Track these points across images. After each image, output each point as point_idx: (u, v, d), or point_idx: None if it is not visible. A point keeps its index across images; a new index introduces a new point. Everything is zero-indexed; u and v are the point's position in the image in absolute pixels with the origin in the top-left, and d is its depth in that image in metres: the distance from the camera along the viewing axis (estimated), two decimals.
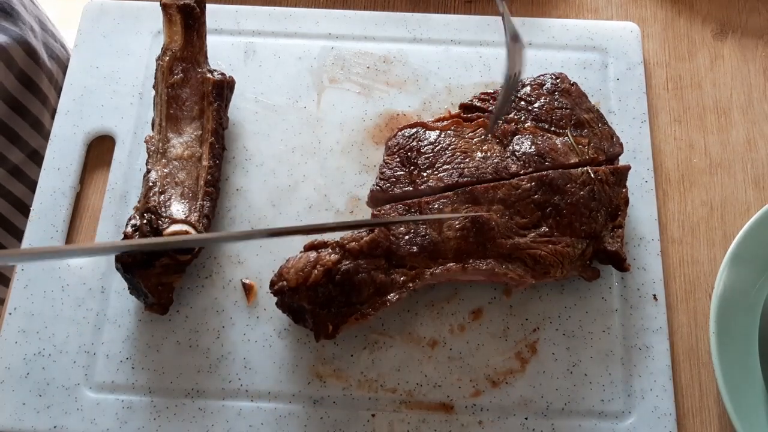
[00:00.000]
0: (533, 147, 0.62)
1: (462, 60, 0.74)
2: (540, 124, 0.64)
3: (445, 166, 0.61)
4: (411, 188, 0.61)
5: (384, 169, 0.62)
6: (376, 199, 0.62)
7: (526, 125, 0.63)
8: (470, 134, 0.63)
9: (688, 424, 0.61)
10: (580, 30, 0.75)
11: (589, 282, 0.63)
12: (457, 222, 0.58)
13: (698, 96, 0.74)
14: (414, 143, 0.63)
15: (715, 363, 0.58)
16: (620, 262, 0.61)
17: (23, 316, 0.62)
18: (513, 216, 0.59)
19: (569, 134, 0.63)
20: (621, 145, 0.65)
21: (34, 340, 0.62)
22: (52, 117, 0.80)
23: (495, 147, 0.62)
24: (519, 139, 0.62)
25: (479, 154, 0.62)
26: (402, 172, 0.62)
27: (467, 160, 0.61)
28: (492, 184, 0.60)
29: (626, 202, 0.63)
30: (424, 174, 0.61)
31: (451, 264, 0.58)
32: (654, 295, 0.64)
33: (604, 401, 0.60)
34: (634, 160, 0.69)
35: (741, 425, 0.56)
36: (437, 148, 0.62)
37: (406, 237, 0.58)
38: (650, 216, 0.67)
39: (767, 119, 0.73)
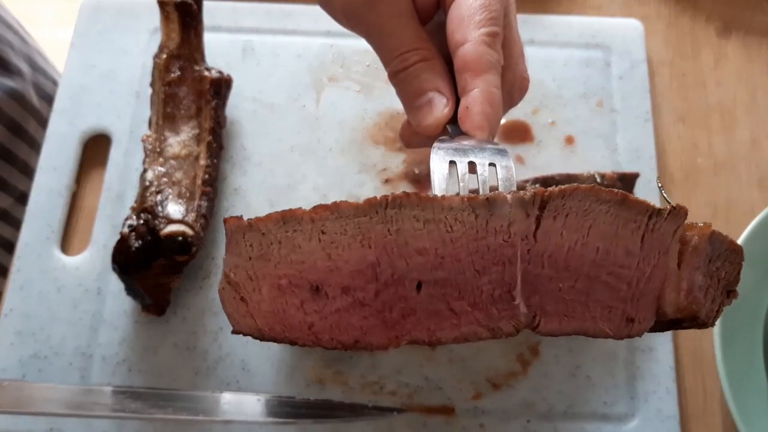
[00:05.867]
0: None
1: None
2: None
3: None
4: None
5: None
6: None
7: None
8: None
9: (692, 427, 0.60)
10: (583, 27, 0.74)
11: None
12: None
13: (702, 95, 0.73)
14: None
15: (719, 365, 0.57)
16: None
17: (19, 318, 0.62)
18: None
19: None
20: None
21: (29, 342, 0.61)
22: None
23: None
24: None
25: None
26: None
27: None
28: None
29: None
30: None
31: None
32: None
33: (608, 404, 0.59)
34: (638, 159, 0.68)
35: (745, 427, 0.56)
36: None
37: None
38: None
39: None
